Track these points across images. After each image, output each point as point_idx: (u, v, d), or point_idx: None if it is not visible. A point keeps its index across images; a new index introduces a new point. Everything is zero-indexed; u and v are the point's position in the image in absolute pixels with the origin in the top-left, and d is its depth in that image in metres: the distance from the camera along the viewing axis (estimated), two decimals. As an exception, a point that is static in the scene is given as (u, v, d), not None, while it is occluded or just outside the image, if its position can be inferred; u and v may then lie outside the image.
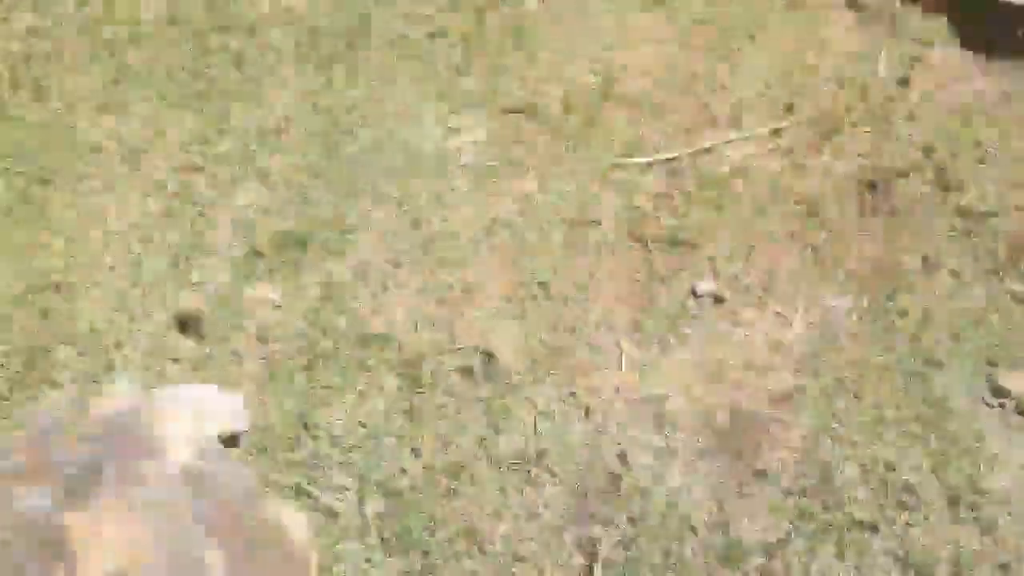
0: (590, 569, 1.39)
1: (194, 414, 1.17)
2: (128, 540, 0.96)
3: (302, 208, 1.79)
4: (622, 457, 1.51)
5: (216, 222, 1.73)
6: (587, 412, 1.57)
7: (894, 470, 1.48)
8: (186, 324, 1.54)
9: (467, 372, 1.60)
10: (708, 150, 1.95)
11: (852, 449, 1.51)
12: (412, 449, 1.48)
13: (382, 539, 1.37)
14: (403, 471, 1.45)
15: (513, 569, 1.37)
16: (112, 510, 0.98)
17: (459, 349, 1.63)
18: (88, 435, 1.07)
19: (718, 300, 1.75)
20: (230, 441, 1.29)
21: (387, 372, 1.57)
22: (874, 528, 1.42)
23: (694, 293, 1.76)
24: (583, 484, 1.48)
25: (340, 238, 1.76)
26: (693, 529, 1.44)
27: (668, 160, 1.96)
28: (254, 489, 1.14)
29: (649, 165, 1.96)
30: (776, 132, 1.98)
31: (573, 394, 1.59)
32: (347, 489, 1.42)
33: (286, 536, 1.10)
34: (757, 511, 1.46)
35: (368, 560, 1.35)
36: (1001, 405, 1.56)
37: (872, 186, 1.90)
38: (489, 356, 1.62)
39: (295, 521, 1.14)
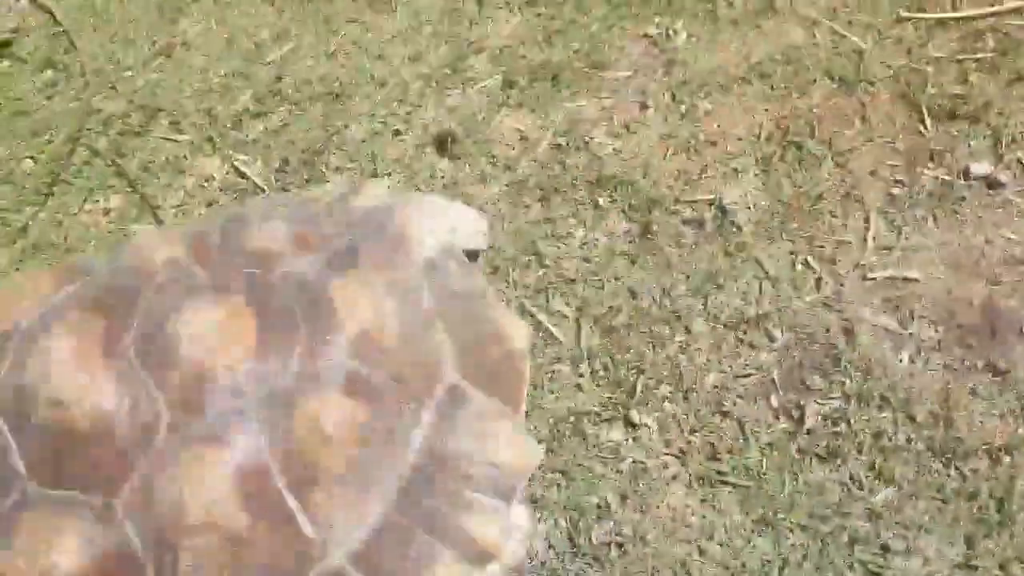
0: (792, 436, 1.39)
1: (441, 221, 1.26)
2: (376, 309, 1.10)
3: (560, 41, 1.80)
4: (848, 334, 1.46)
5: (480, 48, 1.79)
6: (818, 283, 1.51)
7: None
8: (442, 143, 1.64)
9: (698, 224, 1.59)
10: (1018, 11, 1.70)
11: (1120, 369, 1.35)
12: (631, 291, 1.52)
13: (592, 370, 1.45)
14: (620, 310, 1.50)
15: (714, 419, 1.40)
16: (365, 283, 1.11)
17: (694, 201, 1.61)
18: (348, 222, 1.21)
19: (993, 185, 1.57)
20: (470, 256, 1.40)
21: (617, 213, 1.60)
22: (1124, 457, 1.29)
23: (966, 174, 1.59)
24: (801, 354, 1.45)
25: (592, 75, 1.76)
26: (912, 418, 1.38)
27: (966, 19, 1.73)
28: (484, 292, 1.22)
29: (942, 23, 1.74)
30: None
31: (807, 262, 1.54)
32: (566, 317, 1.50)
33: (507, 338, 1.18)
34: (988, 413, 1.37)
35: (578, 386, 1.44)
36: None
37: None
38: (723, 211, 1.59)
39: (517, 328, 1.21)
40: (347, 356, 1.04)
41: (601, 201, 1.61)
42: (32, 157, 1.61)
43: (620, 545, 1.30)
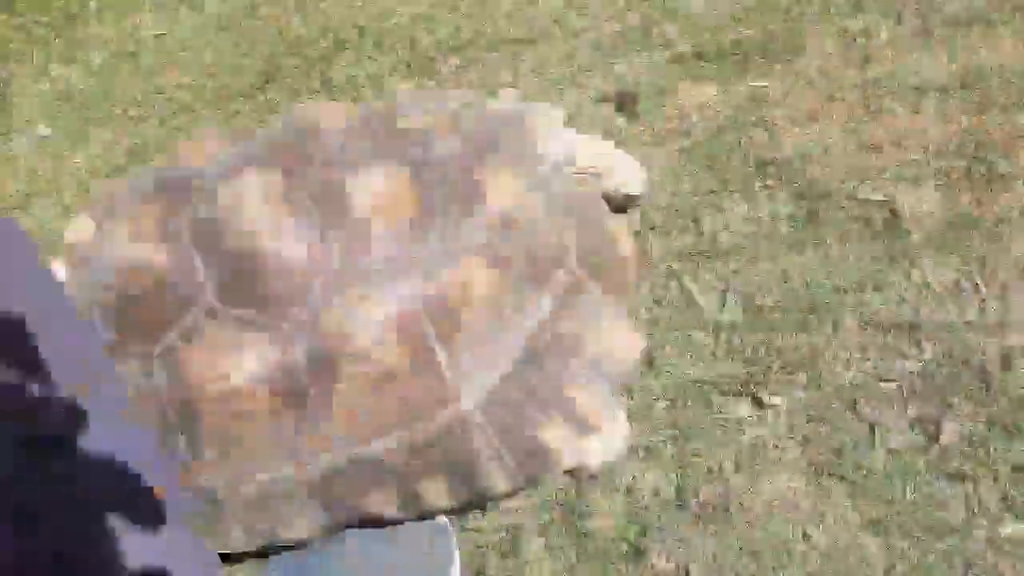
0: (924, 449, 1.35)
1: (560, 129, 1.36)
2: (515, 195, 1.21)
3: (756, 20, 1.79)
4: (1005, 362, 1.39)
5: (673, 18, 1.81)
6: (982, 305, 1.45)
7: None
8: (622, 101, 1.68)
9: (866, 222, 1.56)
10: None
11: None
12: (784, 274, 1.51)
13: (729, 343, 1.46)
14: (769, 291, 1.50)
15: (844, 416, 1.38)
16: (506, 171, 1.22)
17: (866, 199, 1.58)
18: (487, 119, 1.31)
19: None
20: (624, 200, 1.44)
21: (785, 197, 1.59)
22: None
23: None
24: (949, 371, 1.40)
25: (783, 58, 1.74)
26: (1059, 458, 1.31)
27: None
28: (598, 199, 1.34)
29: None
30: None
31: (975, 282, 1.48)
32: (713, 288, 1.51)
33: (618, 243, 1.31)
34: None
35: (713, 354, 1.45)
36: None
37: None
38: (895, 214, 1.55)
39: (625, 235, 1.33)
40: (490, 231, 1.15)
41: (770, 182, 1.60)
42: (253, 56, 1.77)
43: (726, 509, 1.31)
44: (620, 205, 1.46)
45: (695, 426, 1.38)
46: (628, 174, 1.43)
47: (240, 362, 1.08)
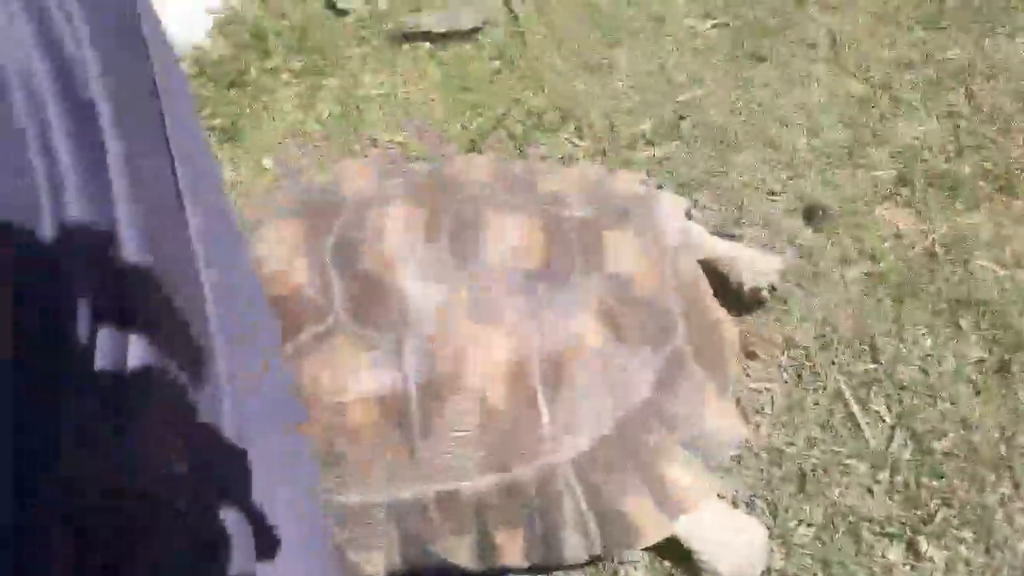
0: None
1: (682, 218, 1.38)
2: (635, 262, 1.25)
3: (972, 156, 1.72)
4: None
5: (883, 141, 1.77)
6: None
7: None
8: (812, 214, 1.65)
9: (1068, 383, 1.43)
10: None
11: None
12: (964, 421, 1.41)
13: (891, 481, 1.37)
14: (945, 436, 1.40)
15: (1011, 587, 1.26)
16: (629, 239, 1.26)
17: (1072, 359, 1.45)
18: (612, 195, 1.36)
19: None
20: (752, 295, 1.44)
21: (976, 340, 1.49)
22: None
23: None
24: None
25: (996, 198, 1.66)
26: None
27: None
28: (706, 288, 1.35)
29: None
30: None
31: None
32: (882, 420, 1.43)
33: (723, 330, 1.31)
34: None
35: (869, 490, 1.37)
36: None
37: None
38: (1104, 380, 1.42)
39: (731, 326, 1.33)
40: (607, 291, 1.16)
41: (963, 323, 1.51)
42: (463, 125, 1.89)
43: (860, 657, 1.21)
44: (750, 301, 1.47)
45: (840, 560, 1.30)
46: (761, 264, 1.44)
47: (356, 378, 1.12)
